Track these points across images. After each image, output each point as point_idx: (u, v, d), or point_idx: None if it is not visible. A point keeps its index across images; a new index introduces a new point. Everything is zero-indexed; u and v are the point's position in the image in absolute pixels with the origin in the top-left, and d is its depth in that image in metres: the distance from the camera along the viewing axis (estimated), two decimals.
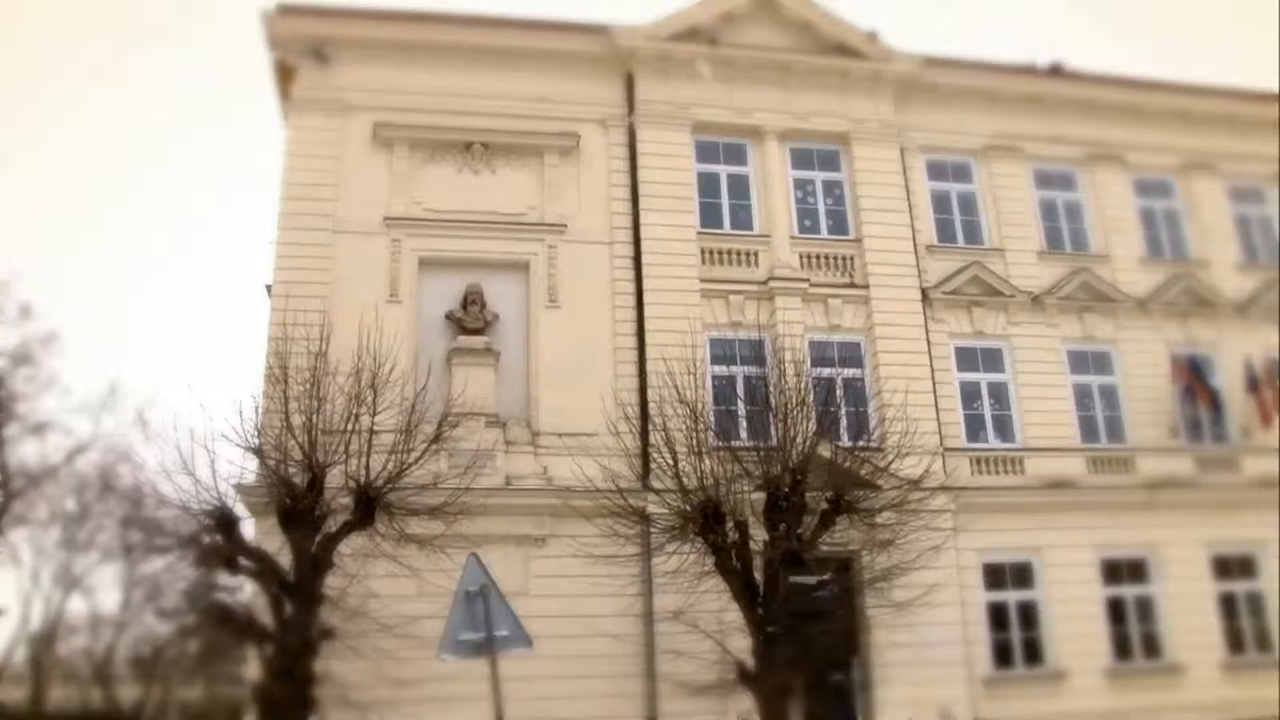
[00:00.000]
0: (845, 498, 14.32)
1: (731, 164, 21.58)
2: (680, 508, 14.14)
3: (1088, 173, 23.94)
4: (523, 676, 13.68)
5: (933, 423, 19.69)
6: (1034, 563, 20.38)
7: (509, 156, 20.40)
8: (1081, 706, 19.40)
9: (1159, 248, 24.08)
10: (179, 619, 27.66)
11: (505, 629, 11.37)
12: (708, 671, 15.35)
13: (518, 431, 18.59)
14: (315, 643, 13.89)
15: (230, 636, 15.63)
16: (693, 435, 14.25)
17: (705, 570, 14.52)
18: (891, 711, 18.20)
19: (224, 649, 25.71)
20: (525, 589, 16.93)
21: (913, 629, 16.24)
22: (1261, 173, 25.34)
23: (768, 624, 13.83)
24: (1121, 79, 24.85)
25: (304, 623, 13.78)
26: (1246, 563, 21.87)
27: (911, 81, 22.76)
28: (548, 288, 19.69)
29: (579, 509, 15.95)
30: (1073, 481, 21.00)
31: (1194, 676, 20.39)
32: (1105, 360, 22.51)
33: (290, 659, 13.57)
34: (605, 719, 16.92)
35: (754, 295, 20.21)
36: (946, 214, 22.68)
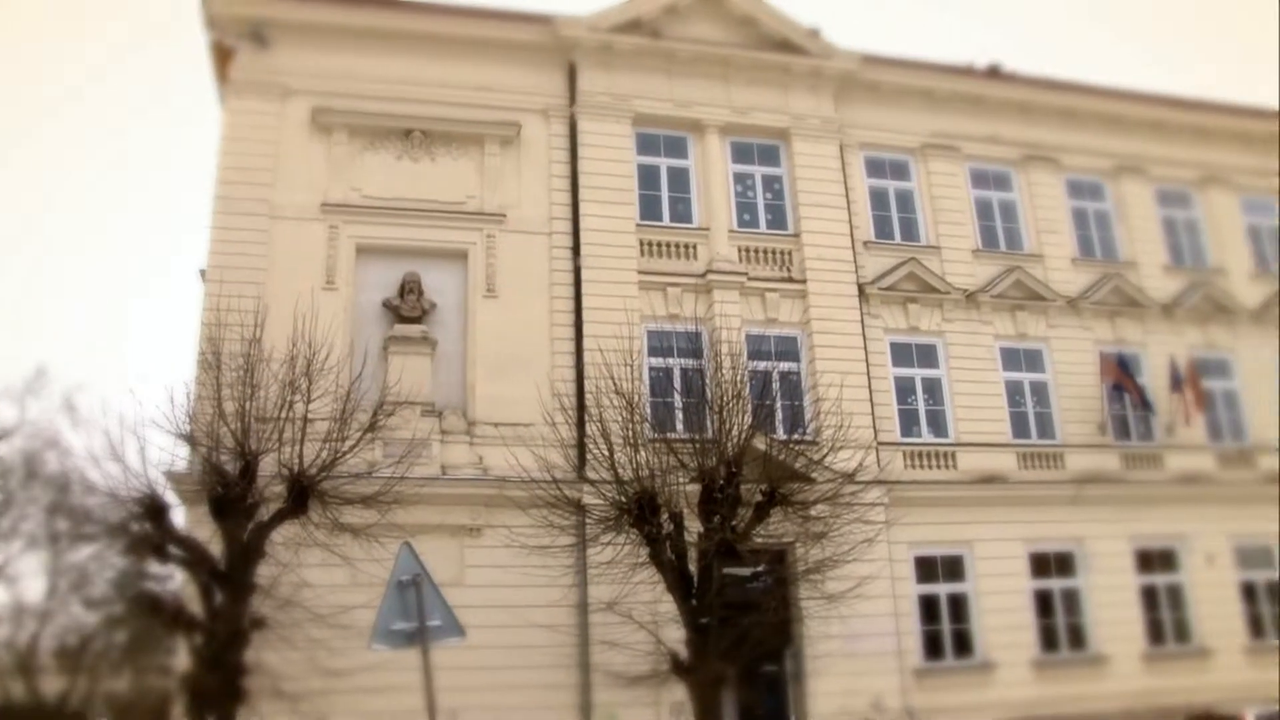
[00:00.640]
0: (780, 490, 14.34)
1: (672, 157, 21.63)
2: (615, 499, 14.10)
3: (1023, 173, 24.33)
4: (456, 666, 13.66)
5: (867, 417, 19.91)
6: (965, 556, 20.70)
7: (449, 145, 20.28)
8: (1009, 696, 19.75)
9: (1090, 248, 24.54)
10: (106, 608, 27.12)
11: (438, 619, 11.29)
12: (641, 662, 15.38)
13: (454, 421, 18.52)
14: (246, 632, 13.69)
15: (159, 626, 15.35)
16: (629, 427, 14.22)
17: (640, 561, 14.49)
18: (823, 702, 18.42)
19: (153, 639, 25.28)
20: (459, 579, 16.88)
21: (845, 621, 16.39)
22: (1187, 177, 26.00)
23: (701, 615, 13.83)
24: (1056, 82, 25.31)
25: (235, 612, 13.59)
26: (1168, 556, 22.42)
27: (852, 79, 22.96)
28: (486, 277, 19.60)
29: (514, 499, 15.91)
30: (1003, 476, 21.36)
31: (1116, 667, 20.90)
32: (1037, 357, 22.91)
33: (220, 649, 13.38)
34: (538, 709, 16.91)
35: (692, 288, 20.30)
36: (884, 211, 22.93)
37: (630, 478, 13.98)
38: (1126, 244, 24.80)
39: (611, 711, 17.19)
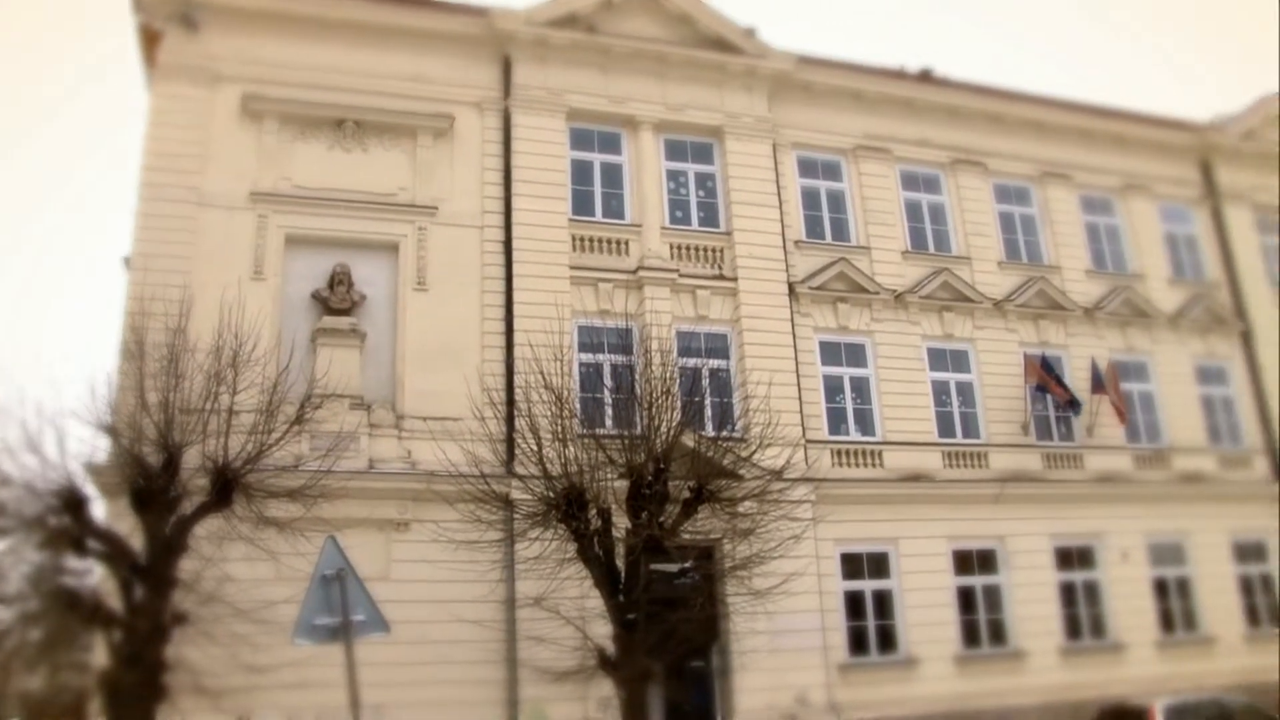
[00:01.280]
0: (707, 487, 14.43)
1: (606, 152, 21.61)
2: (544, 494, 14.09)
3: (952, 176, 24.69)
4: (381, 662, 13.61)
5: (796, 415, 20.08)
6: (890, 553, 20.97)
7: (382, 135, 20.05)
8: (932, 691, 20.10)
9: (1016, 252, 24.97)
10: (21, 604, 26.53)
11: (362, 613, 11.21)
12: (568, 658, 15.39)
13: (382, 414, 18.36)
14: (167, 628, 13.45)
15: (76, 622, 14.99)
16: (558, 422, 14.21)
17: (567, 557, 14.51)
18: (749, 697, 18.56)
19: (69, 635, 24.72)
20: (386, 574, 16.78)
21: (771, 617, 16.52)
22: (1109, 185, 26.62)
23: (628, 611, 13.87)
24: (986, 88, 25.75)
25: (155, 607, 13.34)
26: (1086, 554, 22.92)
27: (786, 79, 23.13)
28: (417, 270, 19.42)
29: (442, 494, 15.78)
30: (929, 475, 21.68)
31: (1035, 661, 21.33)
32: (963, 358, 23.27)
33: (140, 645, 13.13)
34: (465, 704, 16.84)
35: (623, 284, 20.30)
36: (816, 211, 23.12)
37: (559, 473, 13.99)
38: (1051, 248, 25.29)
39: (538, 707, 17.17)
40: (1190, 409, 25.45)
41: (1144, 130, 27.48)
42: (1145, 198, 27.00)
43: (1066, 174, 26.03)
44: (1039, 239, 25.36)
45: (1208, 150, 28.17)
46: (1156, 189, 27.26)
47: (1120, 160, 26.98)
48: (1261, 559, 24.99)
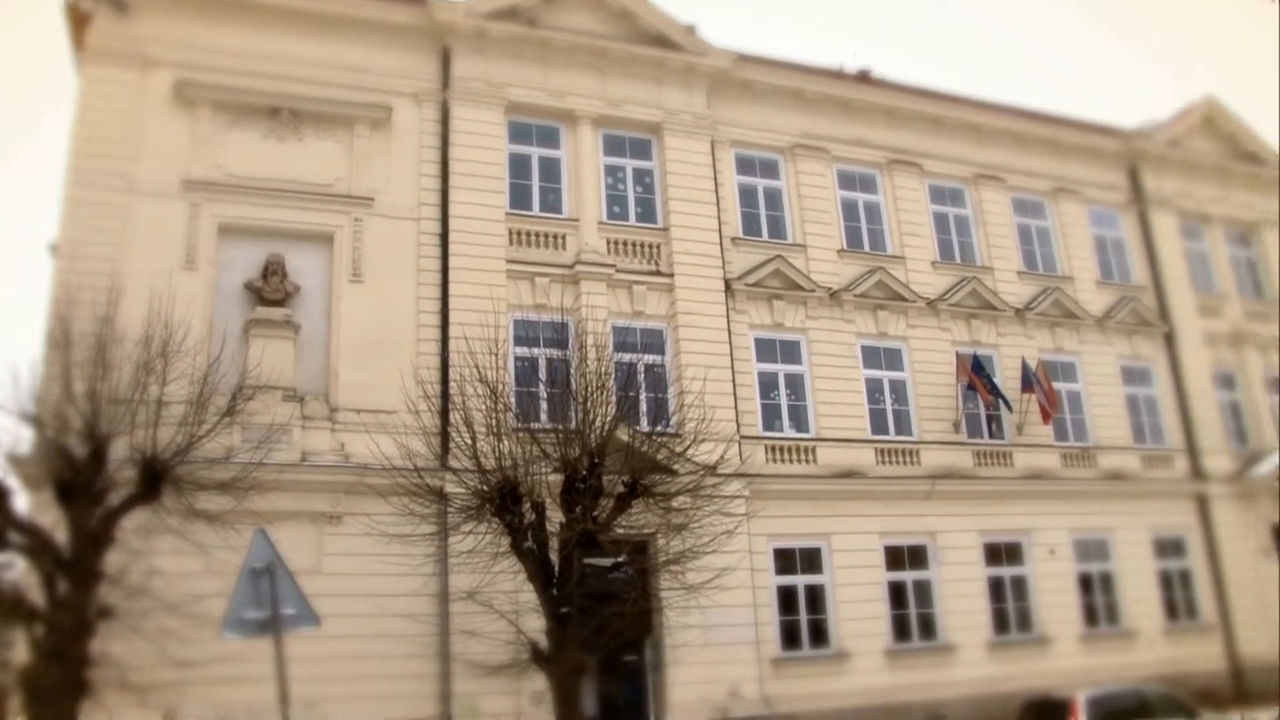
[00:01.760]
0: (642, 481, 14.47)
1: (544, 146, 21.56)
2: (478, 488, 14.05)
3: (888, 177, 24.97)
4: (313, 656, 13.49)
5: (730, 410, 20.22)
6: (822, 548, 21.19)
7: (318, 125, 19.81)
8: (862, 684, 20.40)
9: (949, 252, 25.33)
10: None
11: (292, 607, 11.14)
12: (501, 652, 15.38)
13: (315, 406, 18.18)
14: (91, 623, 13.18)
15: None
16: (493, 416, 14.18)
17: (501, 551, 14.47)
18: (682, 691, 18.66)
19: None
20: (318, 567, 16.66)
21: (704, 611, 16.63)
22: (1041, 188, 27.10)
23: (562, 605, 13.88)
24: (923, 90, 26.11)
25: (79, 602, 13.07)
26: (1014, 550, 23.35)
27: (725, 77, 23.22)
28: (352, 261, 19.24)
29: (375, 487, 15.72)
30: (861, 471, 21.92)
31: (964, 655, 21.73)
32: (896, 356, 23.56)
33: (63, 640, 12.86)
34: (397, 699, 16.77)
35: (560, 278, 20.26)
36: (753, 208, 23.26)
37: (493, 467, 13.96)
38: (984, 249, 25.68)
39: (471, 701, 17.15)
40: (1116, 409, 26.01)
41: (1075, 135, 28.04)
42: (1075, 201, 27.53)
43: (1000, 176, 26.45)
44: (972, 240, 25.74)
45: (1135, 156, 28.80)
46: (1086, 193, 27.82)
47: (1052, 164, 27.49)
48: (1180, 554, 25.67)
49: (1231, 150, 30.67)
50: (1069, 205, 27.37)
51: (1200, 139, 30.26)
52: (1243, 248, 30.57)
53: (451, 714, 17.24)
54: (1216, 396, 27.71)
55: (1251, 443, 27.87)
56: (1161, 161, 29.05)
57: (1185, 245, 28.98)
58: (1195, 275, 28.88)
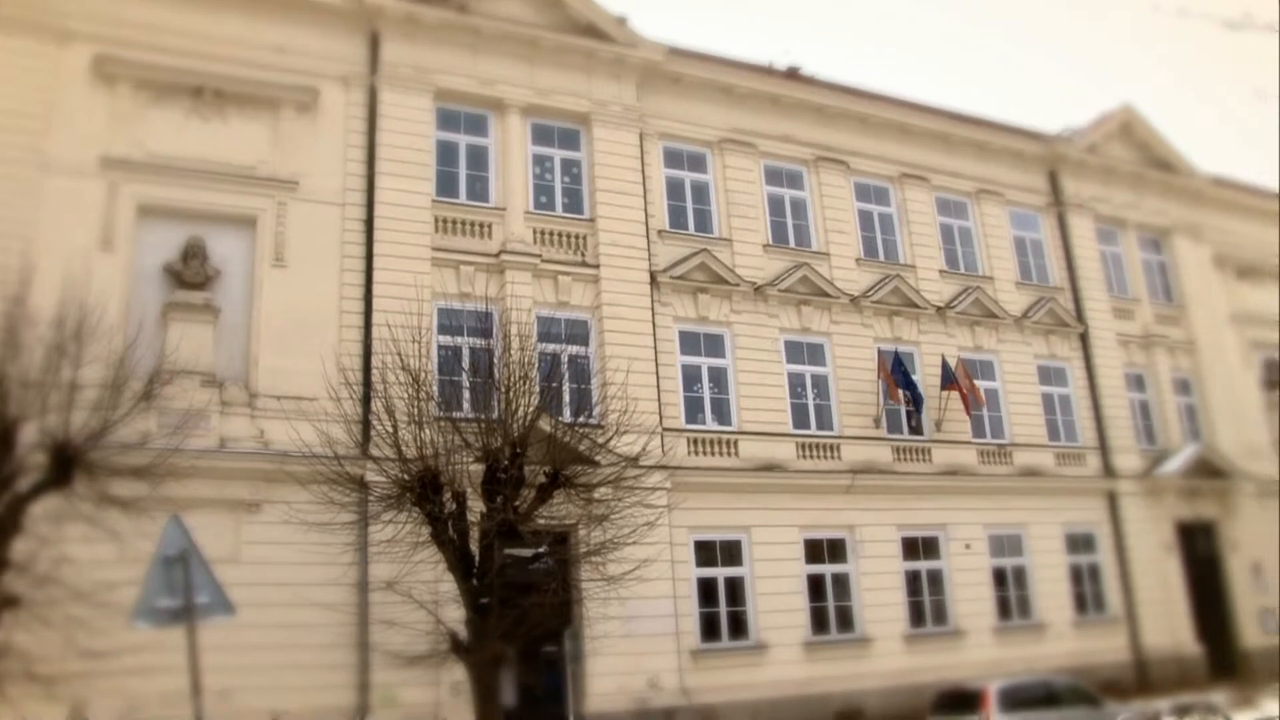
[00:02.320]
0: (563, 472, 14.46)
1: (472, 134, 21.40)
2: (398, 476, 13.92)
3: (814, 173, 25.18)
4: (228, 646, 13.29)
5: (653, 403, 20.28)
6: (743, 541, 21.35)
7: (243, 106, 19.41)
8: (781, 676, 20.61)
9: (873, 249, 25.62)
10: None
11: (206, 595, 10.93)
12: (420, 642, 15.19)
13: (235, 392, 17.88)
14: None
15: None
16: (414, 404, 14.06)
17: (421, 540, 14.35)
18: (602, 682, 18.72)
19: None
20: (236, 555, 16.45)
21: (625, 602, 16.57)
22: (964, 189, 27.54)
23: (482, 595, 13.80)
24: (851, 88, 26.36)
25: None
26: (931, 544, 23.73)
27: (655, 69, 23.23)
28: (275, 246, 18.90)
29: (295, 474, 15.52)
30: (782, 465, 22.12)
31: (880, 647, 22.07)
32: (819, 351, 23.78)
33: None
34: (314, 689, 16.58)
35: (485, 267, 20.11)
36: (679, 201, 23.31)
37: (414, 456, 13.83)
38: (907, 248, 26.03)
39: (389, 691, 17.01)
40: (1032, 407, 26.55)
41: (998, 138, 28.52)
42: (997, 203, 28.01)
43: (924, 176, 26.83)
44: (896, 238, 26.07)
45: (1055, 160, 29.39)
46: (1008, 195, 28.33)
47: (975, 166, 27.94)
48: (1091, 550, 26.31)
49: (1146, 158, 31.48)
50: (991, 206, 27.85)
51: (1117, 146, 31.02)
52: (1155, 253, 31.40)
53: (369, 704, 17.10)
54: (1128, 396, 28.43)
55: (1159, 442, 28.69)
56: (1080, 166, 29.70)
57: (1101, 249, 29.68)
58: (1110, 278, 29.61)
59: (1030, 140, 29.12)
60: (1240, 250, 33.11)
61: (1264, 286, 33.54)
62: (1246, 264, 33.23)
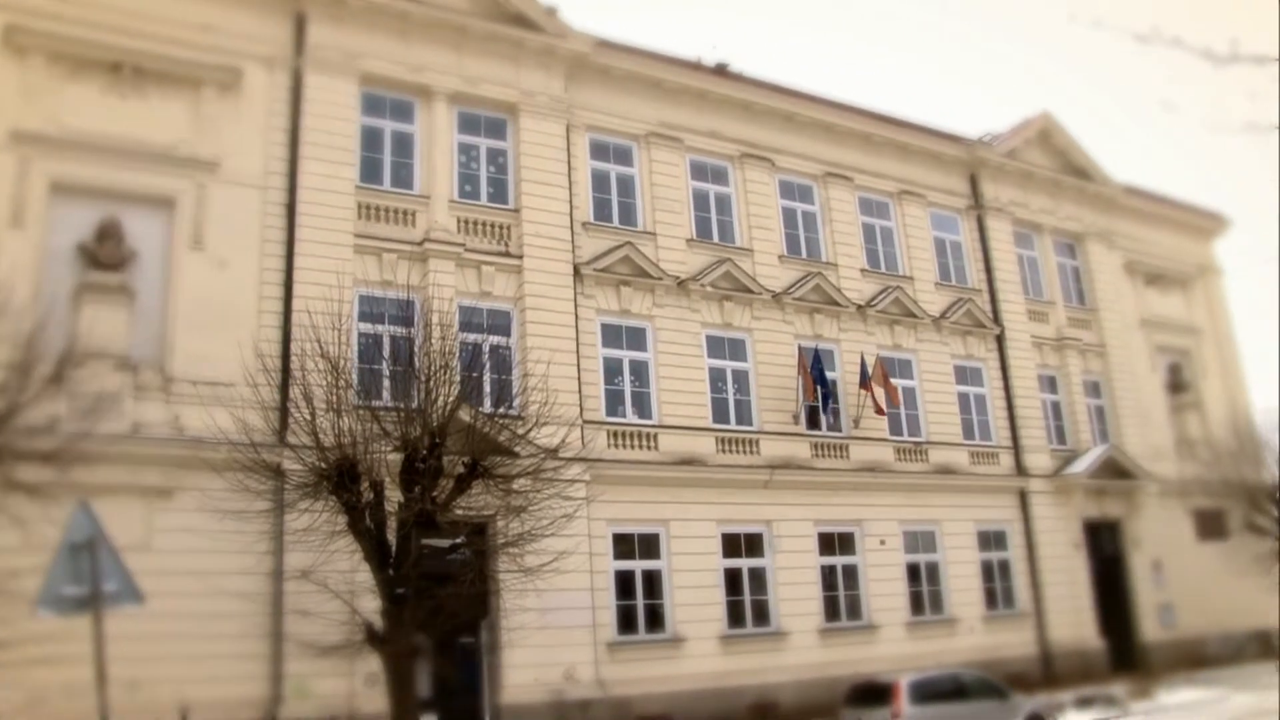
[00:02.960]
0: (482, 463, 14.40)
1: (398, 121, 21.17)
2: (315, 465, 13.77)
3: (740, 170, 25.34)
4: (138, 636, 13.04)
5: (574, 395, 20.26)
6: (661, 534, 21.45)
7: (163, 84, 18.90)
8: (697, 669, 20.77)
9: (796, 247, 25.88)
10: None
11: (113, 583, 10.69)
12: (335, 632, 15.05)
13: (150, 376, 17.48)
14: None
15: None
16: (333, 392, 13.90)
17: (337, 530, 14.20)
18: (518, 674, 18.71)
19: None
20: (147, 543, 16.06)
21: (542, 594, 16.60)
22: (887, 189, 27.93)
23: (398, 585, 13.71)
24: (778, 86, 26.54)
25: None
26: (847, 539, 24.05)
27: (584, 61, 23.18)
28: (194, 228, 18.48)
29: (210, 461, 15.30)
30: (701, 459, 22.25)
31: (796, 641, 22.32)
32: (740, 347, 23.96)
33: None
34: (226, 680, 16.31)
35: (408, 255, 19.90)
36: (605, 194, 23.32)
37: (332, 444, 13.68)
38: (830, 246, 26.33)
39: (303, 682, 16.83)
40: (948, 406, 27.05)
41: (921, 140, 28.97)
42: (918, 204, 28.45)
43: (848, 176, 27.15)
44: (819, 236, 26.35)
45: (976, 164, 29.94)
46: (929, 197, 28.81)
47: (898, 167, 28.35)
48: (1002, 547, 26.89)
49: (1063, 165, 32.23)
50: (912, 207, 28.28)
51: (1036, 152, 31.71)
52: (1069, 257, 32.17)
53: (282, 695, 16.90)
54: (1040, 397, 29.09)
55: (1069, 442, 29.42)
56: (1000, 171, 30.29)
57: (1018, 252, 30.33)
58: (1026, 281, 30.28)
59: (951, 144, 29.62)
60: (1149, 258, 34.16)
61: (1170, 293, 34.66)
62: (1155, 271, 34.27)
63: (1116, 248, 33.10)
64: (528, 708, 18.59)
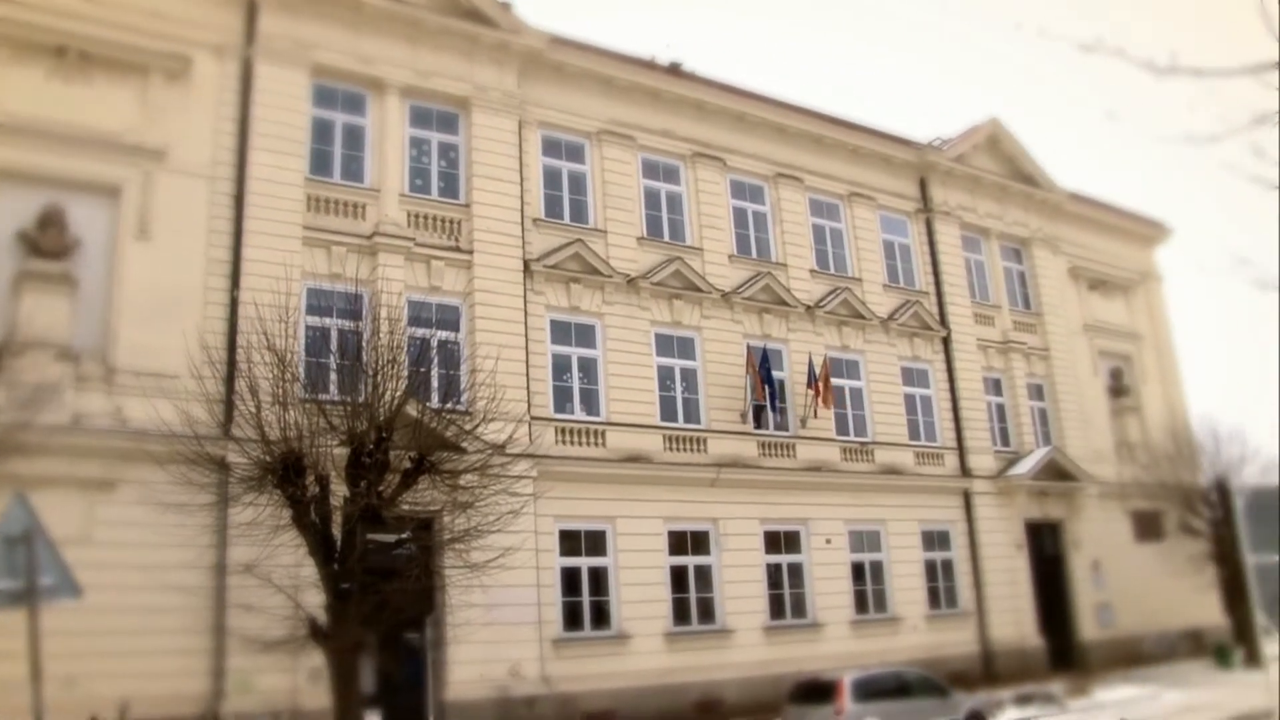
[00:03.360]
0: (429, 458, 14.38)
1: (349, 113, 21.01)
2: (260, 458, 13.67)
3: (691, 169, 25.43)
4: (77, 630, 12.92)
5: (522, 391, 20.26)
6: (607, 531, 21.49)
7: (110, 70, 18.59)
8: (642, 666, 20.85)
9: (746, 247, 26.01)
10: None
11: (50, 577, 10.55)
12: (278, 627, 14.96)
13: (92, 367, 17.21)
14: None
15: None
16: (279, 385, 13.78)
17: (282, 524, 14.12)
18: (463, 670, 18.68)
19: None
20: (87, 536, 15.83)
21: (487, 590, 16.58)
22: (837, 191, 28.14)
23: (343, 580, 13.65)
24: (730, 87, 26.64)
25: None
26: (792, 538, 24.22)
27: (538, 57, 23.13)
28: (139, 217, 18.22)
29: (153, 453, 15.15)
30: (649, 456, 22.31)
31: (741, 638, 22.45)
32: (689, 345, 24.05)
33: None
34: (167, 675, 16.13)
35: (357, 248, 19.73)
36: (556, 191, 23.29)
37: (277, 437, 13.59)
38: (780, 247, 26.49)
39: (245, 677, 16.68)
40: (894, 407, 27.31)
41: (871, 143, 29.21)
42: (868, 206, 28.70)
43: (799, 177, 27.33)
44: (769, 236, 26.50)
45: (925, 168, 30.28)
46: (879, 199, 29.08)
47: (848, 169, 28.58)
48: (946, 547, 27.22)
49: (1011, 171, 32.66)
50: (862, 209, 28.52)
51: (984, 157, 32.10)
52: (1015, 262, 32.62)
53: (225, 690, 16.72)
54: (985, 400, 29.47)
55: (1013, 444, 29.85)
56: (948, 175, 30.63)
57: (965, 255, 30.70)
58: (973, 284, 30.66)
59: (901, 147, 29.90)
60: (1093, 264, 34.73)
61: (1113, 299, 35.26)
62: (1098, 277, 34.84)
63: (1061, 253, 33.61)
64: (472, 704, 18.55)
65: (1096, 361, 33.90)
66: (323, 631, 13.88)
